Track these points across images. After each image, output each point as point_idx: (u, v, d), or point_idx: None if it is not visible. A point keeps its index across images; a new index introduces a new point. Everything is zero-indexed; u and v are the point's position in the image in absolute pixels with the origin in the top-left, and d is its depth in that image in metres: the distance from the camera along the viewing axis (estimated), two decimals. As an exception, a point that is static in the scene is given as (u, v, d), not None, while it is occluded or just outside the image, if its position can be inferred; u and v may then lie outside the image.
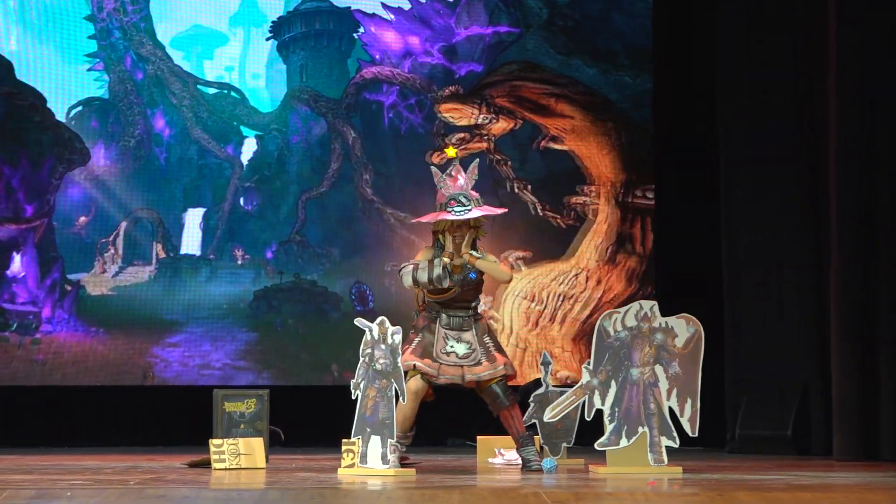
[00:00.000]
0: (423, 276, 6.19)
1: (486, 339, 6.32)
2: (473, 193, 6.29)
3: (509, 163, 9.83)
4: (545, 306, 9.58)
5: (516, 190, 9.83)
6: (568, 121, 9.86)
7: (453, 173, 6.31)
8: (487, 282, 6.44)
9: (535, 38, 10.02)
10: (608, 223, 9.76)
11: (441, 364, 6.20)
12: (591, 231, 9.75)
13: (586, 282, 9.67)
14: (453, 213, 6.23)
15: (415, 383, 6.17)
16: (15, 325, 9.25)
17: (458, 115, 9.84)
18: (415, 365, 6.16)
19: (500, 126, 9.84)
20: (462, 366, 6.23)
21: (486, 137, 9.81)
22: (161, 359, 9.49)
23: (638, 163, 9.83)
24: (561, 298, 9.64)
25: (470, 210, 6.23)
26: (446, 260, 6.22)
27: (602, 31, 10.03)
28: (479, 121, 9.79)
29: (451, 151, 6.59)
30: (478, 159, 6.55)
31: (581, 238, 9.74)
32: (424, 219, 6.36)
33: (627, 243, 9.76)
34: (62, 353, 9.33)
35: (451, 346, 6.23)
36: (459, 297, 6.29)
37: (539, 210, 9.75)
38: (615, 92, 9.99)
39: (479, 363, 6.25)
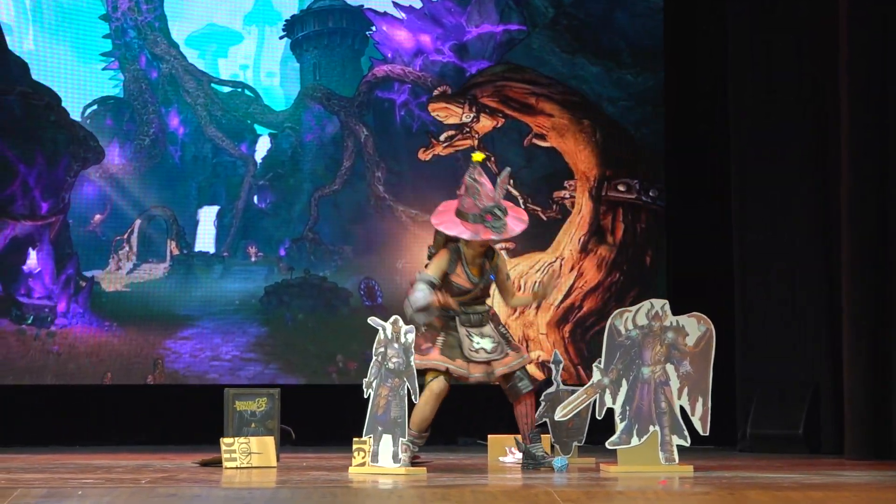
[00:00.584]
0: (417, 300, 6.12)
1: (502, 330, 6.34)
2: (503, 202, 6.20)
3: (491, 159, 9.93)
4: (524, 293, 9.76)
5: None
6: (548, 118, 10.03)
7: (480, 179, 6.18)
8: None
9: (540, 38, 10.10)
10: (583, 215, 9.98)
11: (471, 363, 6.17)
12: (569, 223, 9.98)
13: (560, 269, 9.87)
14: (494, 229, 6.11)
15: (438, 385, 6.14)
16: (31, 319, 9.35)
17: (447, 113, 9.96)
18: (447, 368, 6.12)
19: (486, 124, 9.95)
20: (490, 361, 6.20)
21: (471, 134, 9.91)
22: (172, 351, 9.58)
23: (612, 158, 10.04)
24: (539, 286, 9.85)
25: (507, 225, 6.14)
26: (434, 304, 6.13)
27: (606, 30, 10.11)
28: (464, 119, 9.89)
29: (477, 156, 6.36)
30: (508, 168, 6.44)
31: (561, 230, 9.95)
32: (466, 236, 6.13)
33: (601, 234, 9.98)
34: (77, 346, 9.41)
35: (478, 343, 6.20)
36: (479, 295, 6.30)
37: (524, 204, 9.88)
38: (618, 90, 10.09)
39: (506, 355, 6.25)
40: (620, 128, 10.06)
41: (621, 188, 9.92)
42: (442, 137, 9.91)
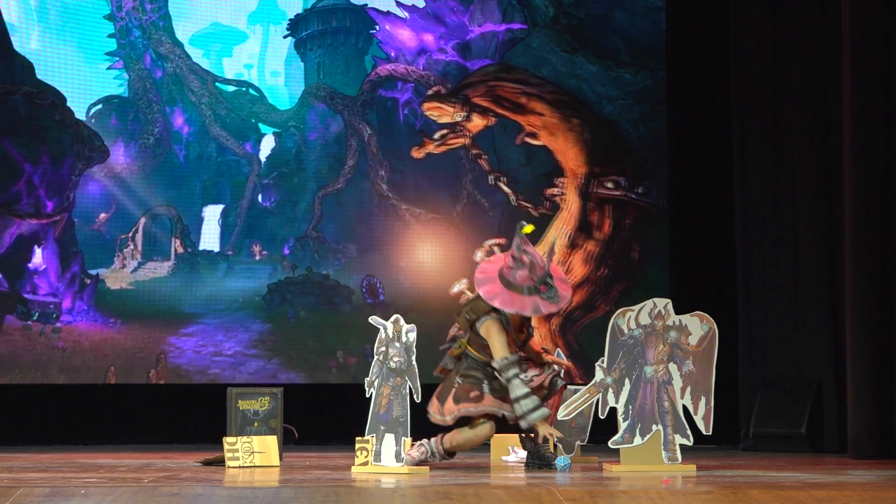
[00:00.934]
0: (536, 415, 6.08)
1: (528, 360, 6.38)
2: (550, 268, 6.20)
3: (485, 157, 10.04)
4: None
5: (493, 182, 10.12)
6: (539, 118, 10.16)
7: (529, 249, 6.15)
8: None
9: (541, 37, 10.19)
10: (571, 211, 10.13)
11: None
12: (557, 219, 10.11)
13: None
14: (550, 300, 6.09)
15: (489, 430, 6.18)
16: (37, 315, 9.42)
17: (440, 112, 10.05)
18: (503, 414, 6.15)
19: (478, 123, 10.05)
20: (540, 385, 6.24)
21: (463, 133, 9.97)
22: (175, 347, 9.63)
23: (600, 156, 10.18)
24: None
25: (559, 292, 6.12)
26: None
27: (605, 29, 10.20)
28: (456, 118, 9.97)
29: (528, 229, 6.28)
30: (556, 239, 6.39)
31: (550, 225, 10.08)
32: (526, 311, 6.09)
33: (588, 229, 10.12)
34: (81, 342, 9.48)
35: (528, 375, 6.21)
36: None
37: (515, 200, 10.03)
38: (617, 89, 10.19)
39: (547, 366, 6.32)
40: (609, 126, 10.20)
41: (609, 185, 10.06)
42: (436, 136, 9.97)
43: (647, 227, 10.13)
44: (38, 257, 9.50)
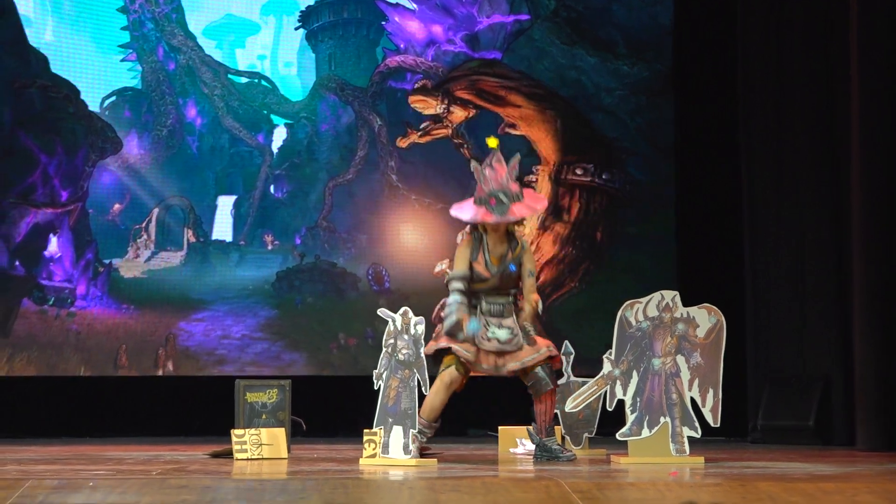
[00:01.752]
0: (447, 323, 6.09)
1: (526, 325, 6.23)
2: (514, 187, 6.15)
3: (465, 146, 10.12)
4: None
5: (473, 169, 10.25)
6: (517, 109, 10.21)
7: (494, 165, 6.18)
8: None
9: (542, 29, 10.22)
10: (543, 196, 10.16)
11: (481, 351, 6.12)
12: None
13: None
14: (494, 213, 6.11)
15: (449, 375, 6.10)
16: (52, 300, 9.55)
17: (424, 105, 10.10)
18: (451, 348, 6.07)
19: (459, 115, 10.12)
20: (504, 353, 6.14)
21: (445, 124, 10.09)
22: (185, 331, 9.72)
23: (572, 146, 10.26)
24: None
25: (510, 208, 6.11)
26: (464, 323, 6.09)
27: (604, 21, 10.26)
28: (438, 110, 10.03)
29: (492, 142, 6.34)
30: (518, 154, 6.41)
31: None
32: (466, 218, 6.22)
33: (558, 212, 10.21)
34: (95, 325, 9.59)
35: (493, 333, 6.13)
36: (500, 286, 6.23)
37: None
38: (615, 80, 10.21)
39: (520, 348, 6.17)
40: (580, 117, 10.24)
41: (579, 172, 10.18)
42: (423, 126, 10.05)
43: (612, 210, 10.21)
44: (53, 245, 9.60)
